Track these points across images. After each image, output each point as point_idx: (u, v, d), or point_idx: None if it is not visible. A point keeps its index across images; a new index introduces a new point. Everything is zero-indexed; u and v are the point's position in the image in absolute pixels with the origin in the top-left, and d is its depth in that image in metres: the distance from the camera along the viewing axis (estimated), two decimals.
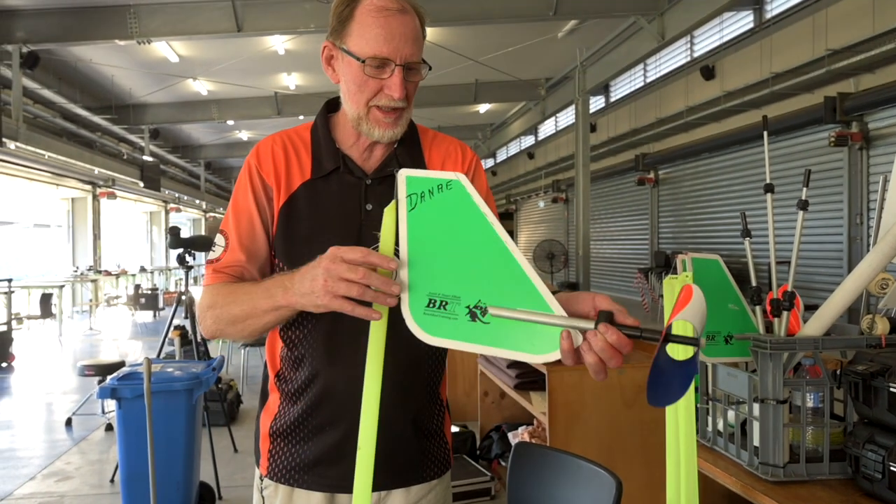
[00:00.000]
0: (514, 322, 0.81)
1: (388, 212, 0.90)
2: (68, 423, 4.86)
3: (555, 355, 0.81)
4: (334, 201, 1.10)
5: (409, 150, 1.15)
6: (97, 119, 12.29)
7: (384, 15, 1.02)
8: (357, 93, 1.06)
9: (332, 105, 1.18)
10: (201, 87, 12.34)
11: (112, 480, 3.63)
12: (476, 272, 0.84)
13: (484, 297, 0.83)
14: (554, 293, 0.84)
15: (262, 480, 1.17)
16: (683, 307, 0.76)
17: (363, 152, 1.13)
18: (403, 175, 0.89)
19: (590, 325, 0.78)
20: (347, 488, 1.06)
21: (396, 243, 0.88)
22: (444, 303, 0.84)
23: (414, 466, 1.15)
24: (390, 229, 0.89)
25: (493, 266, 0.84)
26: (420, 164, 1.15)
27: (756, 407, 1.33)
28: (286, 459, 1.14)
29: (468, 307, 0.83)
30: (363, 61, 1.02)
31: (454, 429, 3.84)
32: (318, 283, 0.87)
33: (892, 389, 1.16)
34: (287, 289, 0.94)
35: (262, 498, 1.16)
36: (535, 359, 0.82)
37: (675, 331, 0.73)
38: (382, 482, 1.11)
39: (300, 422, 1.13)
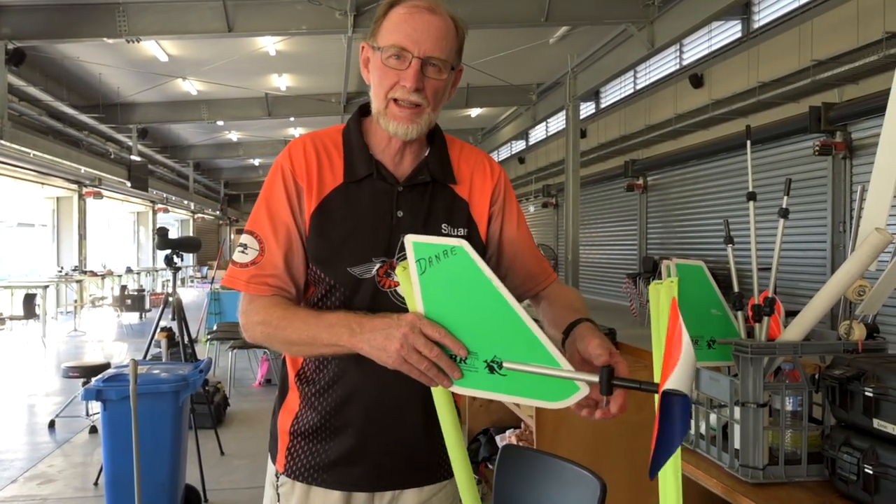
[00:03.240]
0: (530, 375, 0.88)
1: (401, 272, 0.94)
2: (51, 425, 4.80)
3: (570, 401, 0.89)
4: (366, 207, 1.11)
5: (440, 159, 1.16)
6: (84, 118, 12.18)
7: (412, 12, 1.06)
8: (378, 85, 1.08)
9: (365, 109, 1.18)
10: (191, 86, 12.28)
11: (96, 483, 3.59)
12: (488, 330, 0.90)
13: (498, 352, 0.89)
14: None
15: (277, 477, 1.18)
16: (675, 360, 0.80)
17: (394, 157, 1.14)
18: (410, 241, 0.92)
19: (594, 378, 0.87)
20: (365, 487, 1.14)
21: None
22: (464, 358, 0.90)
23: (428, 467, 1.18)
24: (406, 283, 0.94)
25: (501, 324, 0.89)
26: (449, 175, 1.17)
27: (737, 410, 1.36)
28: (306, 458, 1.14)
29: (485, 361, 0.90)
30: (382, 49, 1.06)
31: None
32: (392, 345, 0.90)
33: (867, 393, 1.19)
34: (354, 333, 0.96)
35: (278, 495, 1.17)
36: (554, 405, 0.90)
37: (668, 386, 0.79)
38: (399, 481, 1.15)
39: (323, 422, 1.14)
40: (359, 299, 1.09)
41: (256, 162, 22.39)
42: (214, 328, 7.25)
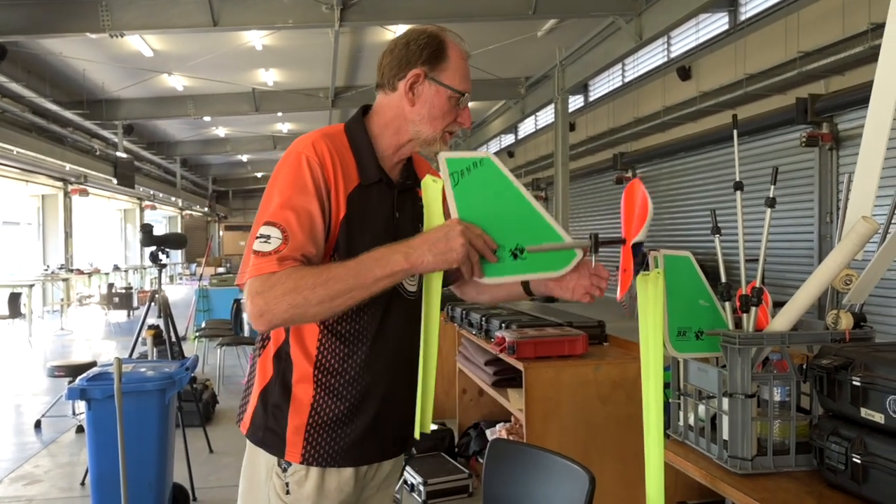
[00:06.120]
0: (542, 254, 1.13)
1: (432, 185, 1.15)
2: (37, 425, 4.75)
3: (572, 265, 1.17)
4: (376, 208, 1.23)
5: (409, 166, 1.34)
6: (68, 114, 12.00)
7: (463, 56, 1.26)
8: (440, 118, 1.24)
9: (366, 110, 1.30)
10: (177, 82, 12.15)
11: (83, 483, 3.56)
12: (511, 224, 1.13)
13: (520, 241, 1.13)
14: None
15: (284, 468, 1.23)
16: (641, 222, 1.13)
17: (392, 163, 1.29)
18: (444, 158, 1.12)
19: (586, 243, 1.15)
20: (371, 460, 1.29)
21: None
22: (494, 250, 1.12)
23: (405, 440, 1.34)
24: (435, 200, 1.16)
25: (521, 217, 1.13)
26: (416, 179, 1.33)
27: (725, 401, 1.35)
28: (327, 444, 1.23)
29: (510, 250, 1.13)
30: (463, 94, 1.24)
31: (433, 426, 3.83)
32: (457, 242, 1.08)
33: (854, 383, 1.18)
34: (410, 254, 1.09)
35: (286, 484, 1.23)
36: (562, 272, 1.17)
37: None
38: (391, 453, 1.32)
39: (348, 408, 1.23)
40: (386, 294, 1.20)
41: (244, 158, 22.23)
42: (203, 325, 7.20)
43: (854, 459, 1.16)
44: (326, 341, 1.22)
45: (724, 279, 1.42)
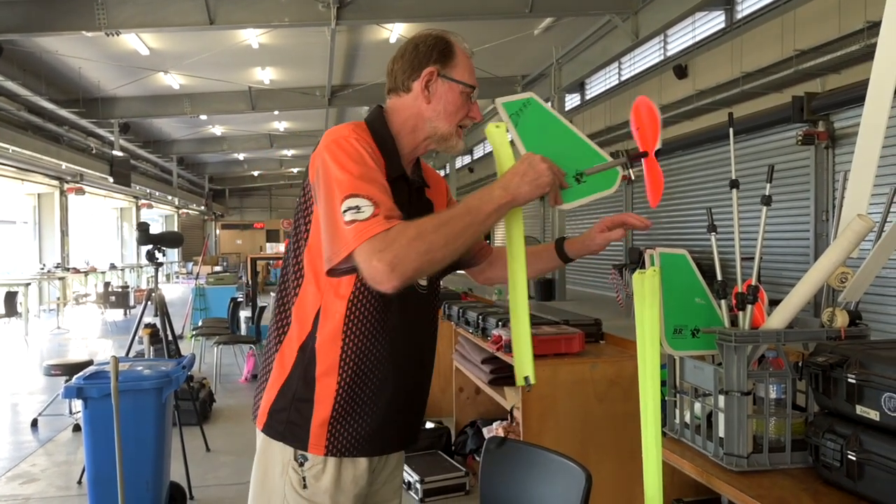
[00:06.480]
0: (596, 175, 1.27)
1: (496, 131, 1.28)
2: (34, 423, 4.74)
3: (618, 183, 1.30)
4: (398, 202, 1.24)
5: (418, 168, 1.41)
6: (64, 112, 11.97)
7: (468, 54, 1.35)
8: (454, 114, 1.31)
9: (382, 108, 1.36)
10: (173, 80, 12.12)
11: (80, 482, 3.55)
12: (566, 153, 1.26)
13: (577, 166, 1.26)
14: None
15: (301, 462, 1.25)
16: (656, 134, 1.26)
17: (409, 161, 1.35)
18: (500, 102, 1.27)
19: (623, 160, 1.29)
20: (389, 449, 1.35)
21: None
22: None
23: (414, 434, 1.40)
24: (503, 144, 1.28)
25: (571, 146, 1.27)
26: (424, 180, 1.40)
27: (721, 399, 1.35)
28: (351, 434, 1.26)
29: (574, 176, 1.26)
30: (473, 87, 1.32)
31: (429, 424, 3.84)
32: (544, 171, 1.19)
33: (850, 380, 1.19)
34: (508, 188, 1.18)
35: (303, 479, 1.25)
36: (612, 190, 1.30)
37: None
38: (402, 444, 1.38)
39: (370, 401, 1.27)
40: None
41: (241, 156, 22.19)
42: (200, 324, 7.19)
43: (849, 456, 1.16)
44: (351, 333, 1.24)
45: (720, 277, 1.42)
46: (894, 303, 6.70)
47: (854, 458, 1.16)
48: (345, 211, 1.12)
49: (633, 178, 1.36)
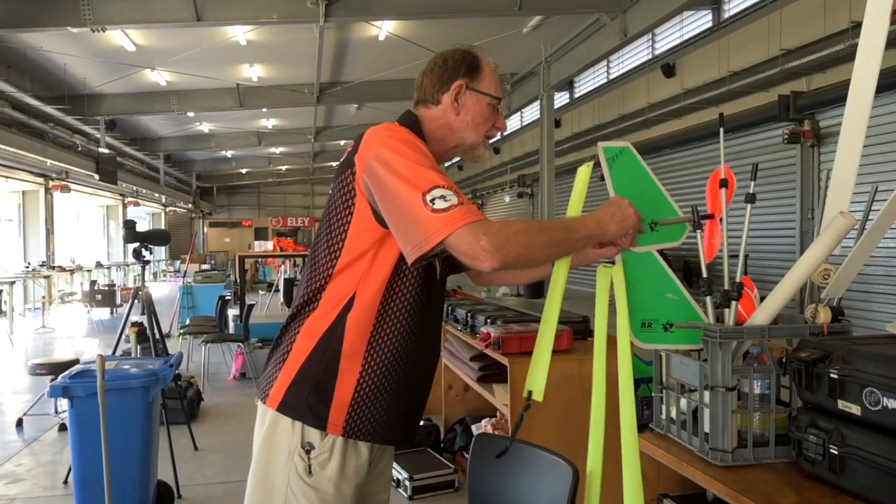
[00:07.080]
0: (669, 227, 1.41)
1: (585, 171, 1.41)
2: (19, 423, 4.69)
3: (684, 236, 1.43)
4: None
5: None
6: (49, 109, 11.81)
7: (495, 70, 1.42)
8: (482, 124, 1.39)
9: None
10: (160, 77, 12.01)
11: (66, 482, 3.52)
12: (648, 201, 1.38)
13: (654, 216, 1.38)
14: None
15: (308, 450, 1.27)
16: (728, 201, 1.47)
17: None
18: (601, 146, 1.40)
19: (690, 217, 1.41)
20: (402, 440, 1.39)
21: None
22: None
23: (417, 427, 1.45)
24: (584, 184, 1.41)
25: (652, 196, 1.40)
26: None
27: (706, 394, 1.37)
28: (370, 419, 1.30)
29: (650, 224, 1.38)
30: (500, 99, 1.40)
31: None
32: (630, 213, 1.30)
33: (832, 375, 1.20)
34: (599, 224, 1.28)
35: (308, 466, 1.27)
36: (678, 242, 1.42)
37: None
38: (412, 435, 1.42)
39: (392, 388, 1.31)
40: (428, 277, 1.33)
41: (229, 154, 22.04)
42: (187, 322, 7.14)
43: (832, 451, 1.18)
44: (384, 317, 1.28)
45: (705, 274, 1.44)
46: (877, 299, 6.80)
47: (836, 453, 1.17)
48: (431, 200, 1.15)
49: (698, 234, 1.43)
